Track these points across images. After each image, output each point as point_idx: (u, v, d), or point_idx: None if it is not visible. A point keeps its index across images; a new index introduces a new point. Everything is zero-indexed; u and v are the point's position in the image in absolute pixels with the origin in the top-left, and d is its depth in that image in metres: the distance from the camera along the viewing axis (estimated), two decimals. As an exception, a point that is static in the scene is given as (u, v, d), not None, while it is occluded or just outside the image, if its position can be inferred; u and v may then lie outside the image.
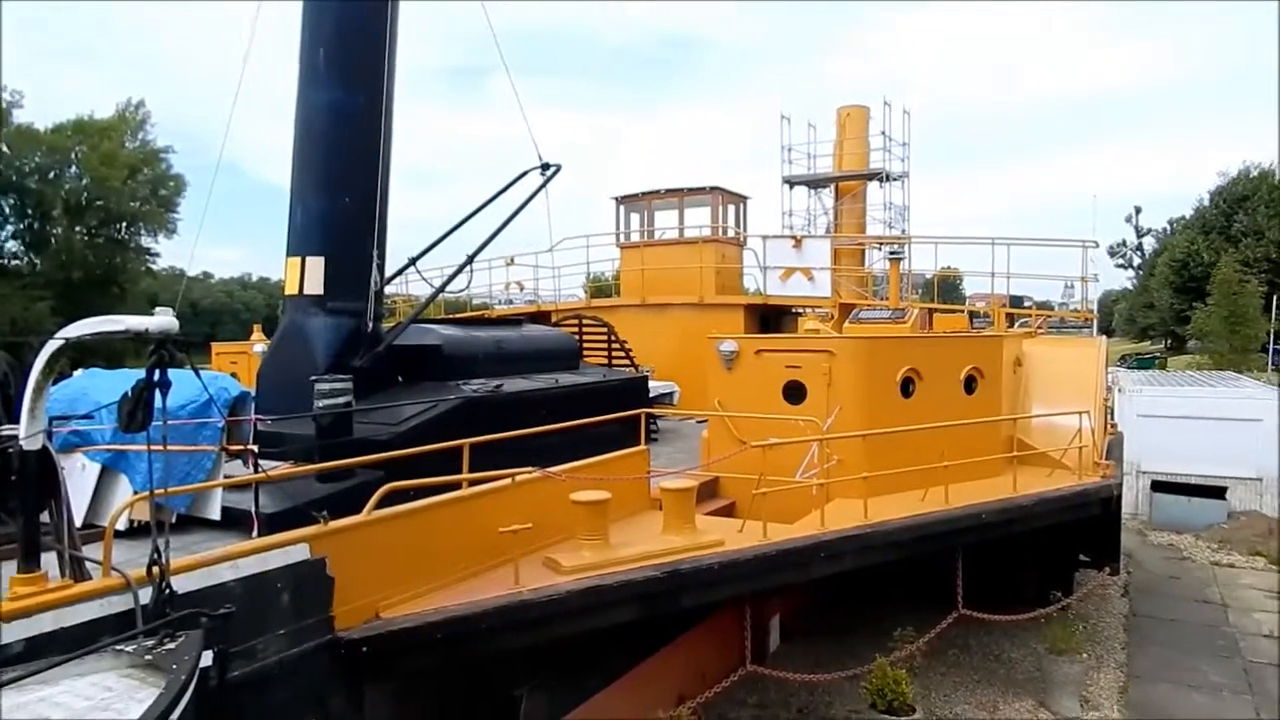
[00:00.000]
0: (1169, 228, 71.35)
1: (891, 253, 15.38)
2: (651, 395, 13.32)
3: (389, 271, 10.05)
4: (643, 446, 8.44)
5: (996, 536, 8.75)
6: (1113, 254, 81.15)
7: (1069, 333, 18.56)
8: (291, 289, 9.11)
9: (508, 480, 6.29)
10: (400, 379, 9.53)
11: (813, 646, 10.29)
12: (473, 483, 6.19)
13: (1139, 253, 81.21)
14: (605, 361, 14.75)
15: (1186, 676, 9.93)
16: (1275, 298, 36.98)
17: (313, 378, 7.32)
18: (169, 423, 3.85)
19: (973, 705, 9.12)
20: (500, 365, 10.12)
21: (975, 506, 8.43)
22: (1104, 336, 15.37)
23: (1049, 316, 16.73)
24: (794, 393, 9.42)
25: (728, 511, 9.07)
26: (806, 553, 7.15)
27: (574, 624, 5.93)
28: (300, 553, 4.89)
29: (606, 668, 7.27)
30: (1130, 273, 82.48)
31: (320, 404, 7.14)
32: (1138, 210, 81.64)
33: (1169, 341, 58.45)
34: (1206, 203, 52.57)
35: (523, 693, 6.23)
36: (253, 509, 6.28)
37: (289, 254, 9.23)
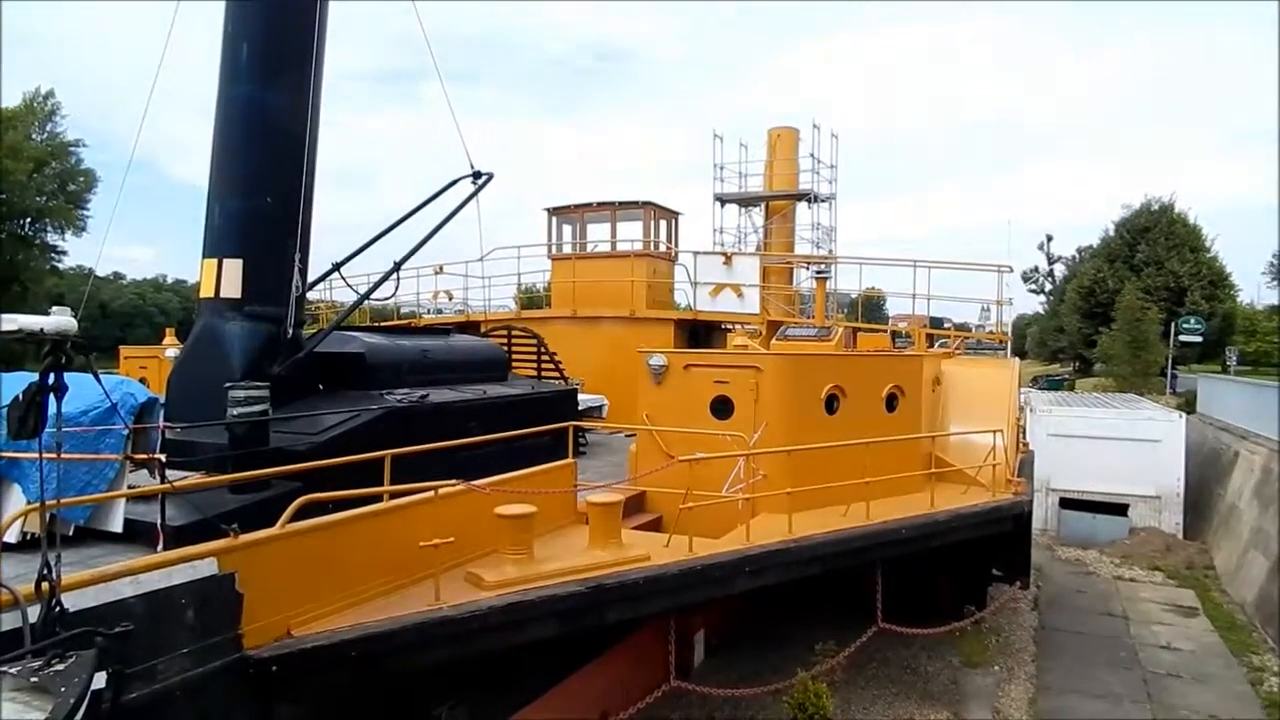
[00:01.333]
0: (1077, 256, 74.80)
1: (818, 272, 15.71)
2: (580, 408, 13.25)
3: (312, 276, 9.76)
4: (570, 460, 8.36)
5: (914, 551, 8.95)
6: (1026, 279, 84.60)
7: (985, 353, 19.22)
8: (207, 292, 8.75)
9: (429, 493, 6.14)
10: (321, 388, 9.23)
11: (737, 661, 10.35)
12: (394, 495, 6.03)
13: (1050, 279, 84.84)
14: (534, 373, 14.62)
15: (1092, 687, 10.33)
16: (1173, 325, 39.05)
17: (227, 384, 7.03)
18: (66, 429, 3.62)
19: (890, 717, 9.29)
20: (426, 375, 9.91)
21: (895, 522, 8.61)
22: (1017, 358, 15.97)
23: (967, 337, 17.29)
24: (721, 408, 9.48)
25: (655, 526, 9.05)
26: (731, 567, 7.17)
27: (496, 640, 5.82)
28: (207, 567, 4.66)
29: (529, 685, 7.15)
30: (1042, 298, 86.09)
31: (235, 412, 6.84)
32: (1049, 238, 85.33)
33: (1077, 364, 61.09)
34: (1112, 233, 55.23)
35: (442, 711, 6.08)
36: (158, 521, 5.96)
37: (205, 255, 8.87)
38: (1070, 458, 19.27)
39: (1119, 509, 19.12)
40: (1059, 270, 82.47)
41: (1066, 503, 19.54)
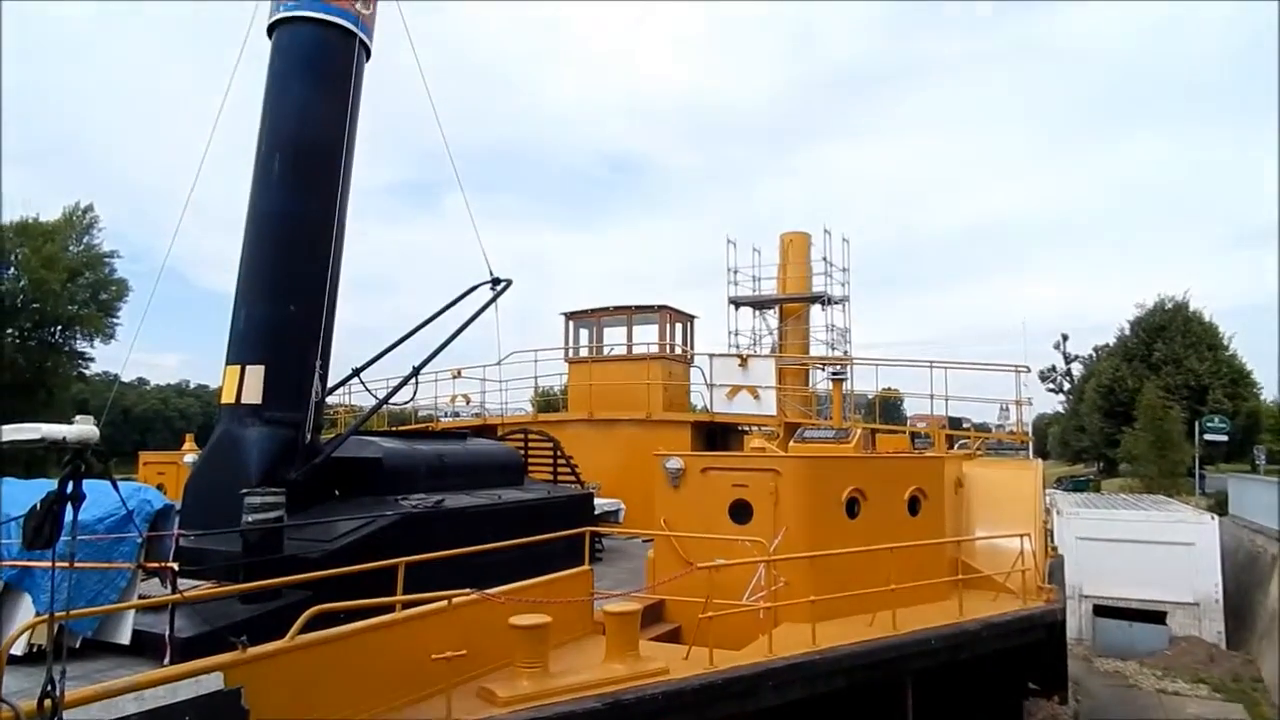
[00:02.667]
0: (1094, 355, 74.66)
1: (834, 373, 15.73)
2: (597, 512, 13.09)
3: (331, 381, 9.88)
4: (586, 567, 8.20)
5: (946, 662, 8.59)
6: (1044, 379, 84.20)
7: (1006, 454, 18.94)
8: (229, 397, 8.85)
9: (443, 602, 6.00)
10: (337, 493, 9.20)
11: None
12: (407, 605, 5.91)
13: (1068, 378, 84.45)
14: (550, 477, 14.52)
15: (1140, 812, 9.69)
16: (1196, 423, 38.50)
17: (243, 490, 7.01)
18: (81, 538, 3.60)
19: (927, 846, 8.70)
20: (442, 480, 9.87)
21: (924, 632, 8.30)
22: (1040, 459, 15.72)
23: (987, 438, 17.09)
24: (740, 512, 9.31)
25: (674, 636, 8.77)
26: (754, 681, 6.90)
27: (509, 761, 5.55)
28: (214, 682, 4.53)
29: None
30: (1061, 397, 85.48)
31: (250, 518, 6.81)
32: (1065, 337, 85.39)
33: (1101, 464, 60.05)
34: (1128, 331, 55.25)
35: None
36: (167, 633, 5.85)
37: (229, 361, 9.02)
38: (1102, 562, 18.70)
39: (1156, 617, 18.39)
40: (1076, 369, 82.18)
41: (1101, 610, 18.84)
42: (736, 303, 23.19)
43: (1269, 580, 17.90)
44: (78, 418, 3.57)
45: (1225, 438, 39.26)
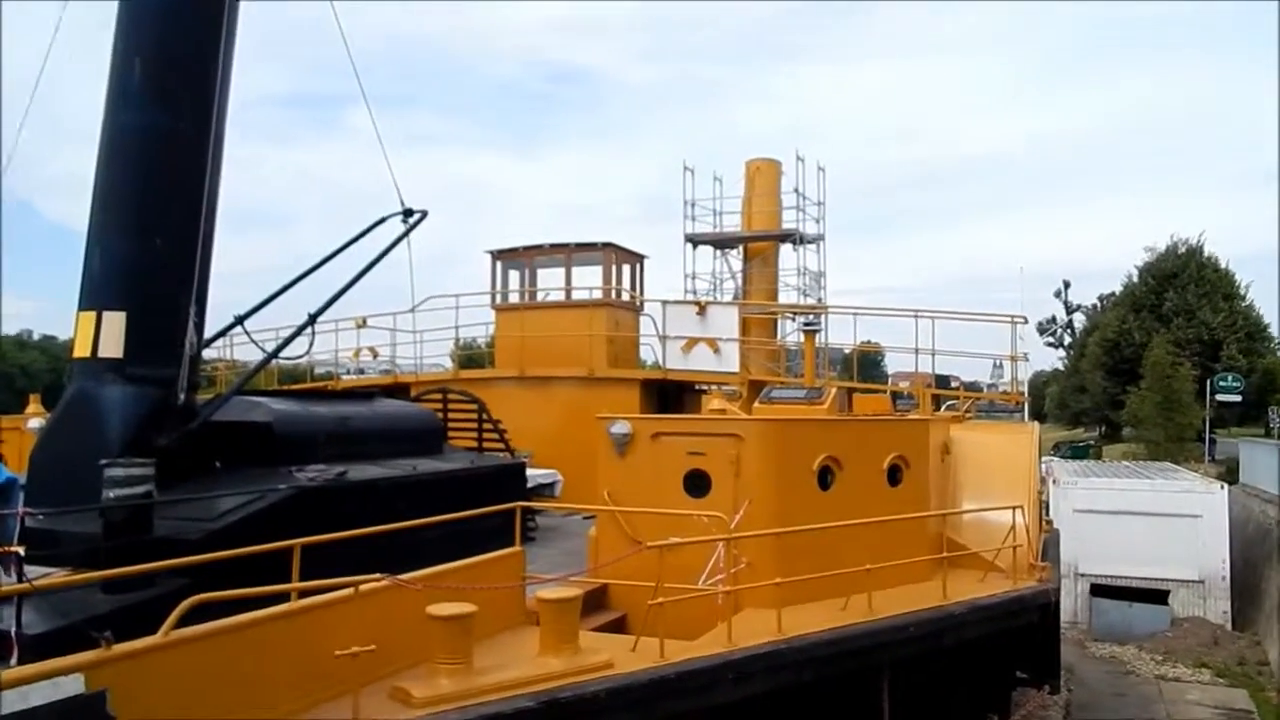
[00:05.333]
0: (1099, 304, 76.90)
1: (807, 324, 15.87)
2: (529, 485, 13.12)
3: (209, 331, 9.66)
4: (517, 547, 8.24)
5: (926, 651, 8.88)
6: (1042, 331, 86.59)
7: (999, 417, 19.49)
8: (82, 350, 8.58)
9: (349, 590, 5.98)
10: (218, 464, 9.07)
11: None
12: (305, 593, 5.87)
13: (1069, 330, 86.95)
14: (475, 445, 14.49)
15: (1135, 811, 10.25)
16: (1208, 382, 40.03)
17: (103, 461, 6.86)
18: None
19: None
20: (345, 448, 9.78)
21: (902, 617, 8.56)
22: (1036, 422, 16.20)
23: (978, 399, 17.55)
24: (697, 484, 9.42)
25: (619, 626, 8.90)
26: (711, 674, 7.04)
27: (427, 770, 5.61)
28: (73, 685, 4.47)
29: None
30: (1060, 352, 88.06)
31: (112, 494, 6.69)
32: (1066, 285, 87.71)
33: (1103, 428, 62.26)
34: (1136, 279, 56.93)
35: None
36: (12, 628, 5.73)
37: (82, 307, 8.72)
38: (1100, 537, 19.48)
39: (1158, 596, 19.28)
40: (1078, 321, 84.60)
41: (1098, 589, 19.68)
42: (694, 241, 23.18)
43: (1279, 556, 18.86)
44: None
45: (1239, 398, 40.90)
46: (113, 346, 8.47)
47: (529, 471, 13.29)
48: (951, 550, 10.15)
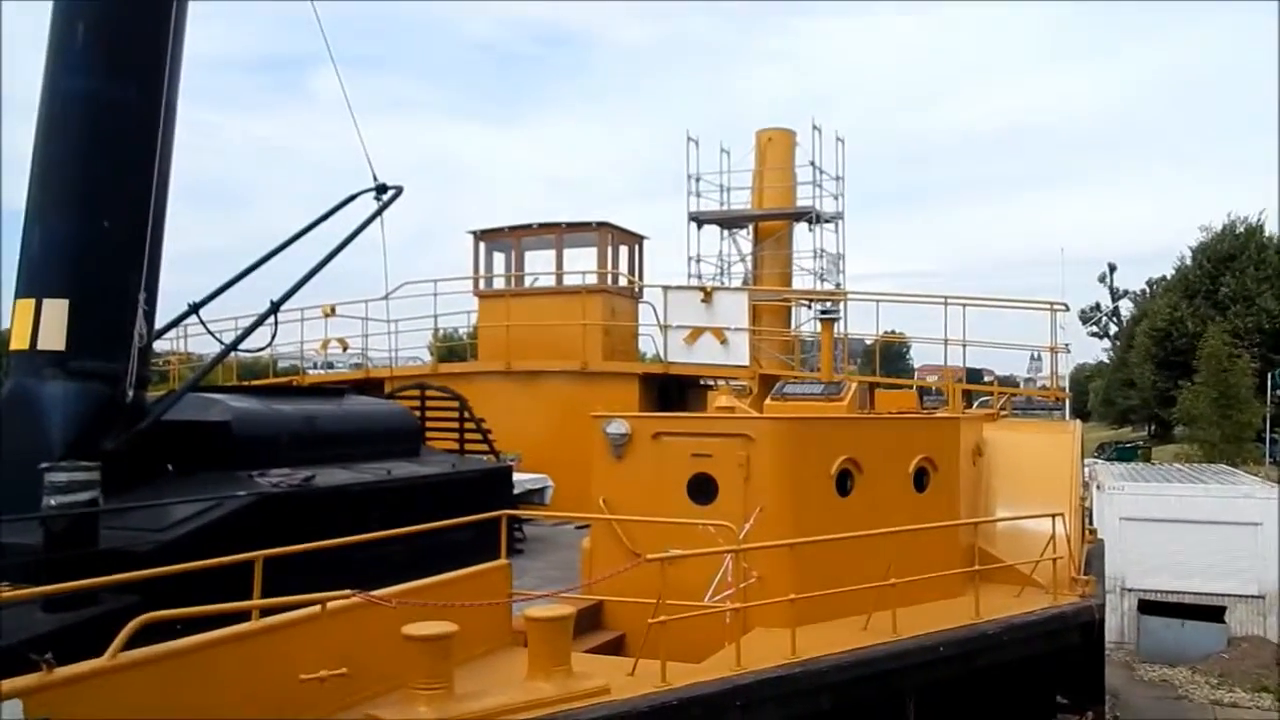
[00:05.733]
0: (1148, 290, 76.96)
1: (824, 311, 15.87)
2: (516, 491, 13.14)
3: (161, 321, 9.66)
4: (503, 560, 8.26)
5: (957, 674, 8.89)
6: (1085, 319, 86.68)
7: (1038, 415, 19.50)
8: (20, 343, 8.59)
9: (316, 608, 6.00)
10: (170, 468, 9.09)
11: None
12: (267, 611, 5.88)
13: (1115, 319, 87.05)
14: (456, 447, 14.50)
15: None
16: (1270, 376, 40.06)
17: (43, 465, 6.87)
18: None
19: None
20: (312, 450, 9.80)
21: (930, 637, 8.56)
22: (1079, 420, 16.21)
23: (1014, 394, 17.56)
24: (702, 489, 9.43)
25: (616, 647, 8.92)
26: (718, 701, 7.05)
27: (403, 807, 5.63)
28: (11, 711, 4.48)
29: None
30: (1105, 343, 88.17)
31: (53, 501, 6.70)
32: (1112, 268, 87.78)
33: (1153, 427, 62.37)
34: (1189, 261, 56.96)
35: None
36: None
37: (19, 295, 8.73)
38: (1149, 548, 19.49)
39: (1213, 613, 19.30)
40: (1125, 308, 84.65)
41: (1147, 606, 19.70)
42: (699, 220, 23.19)
43: (1349, 567, 18.89)
44: None
45: (1303, 392, 40.95)
46: (54, 338, 8.47)
47: (516, 476, 13.33)
48: (985, 562, 10.15)
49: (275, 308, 9.79)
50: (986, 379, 21.07)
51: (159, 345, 9.61)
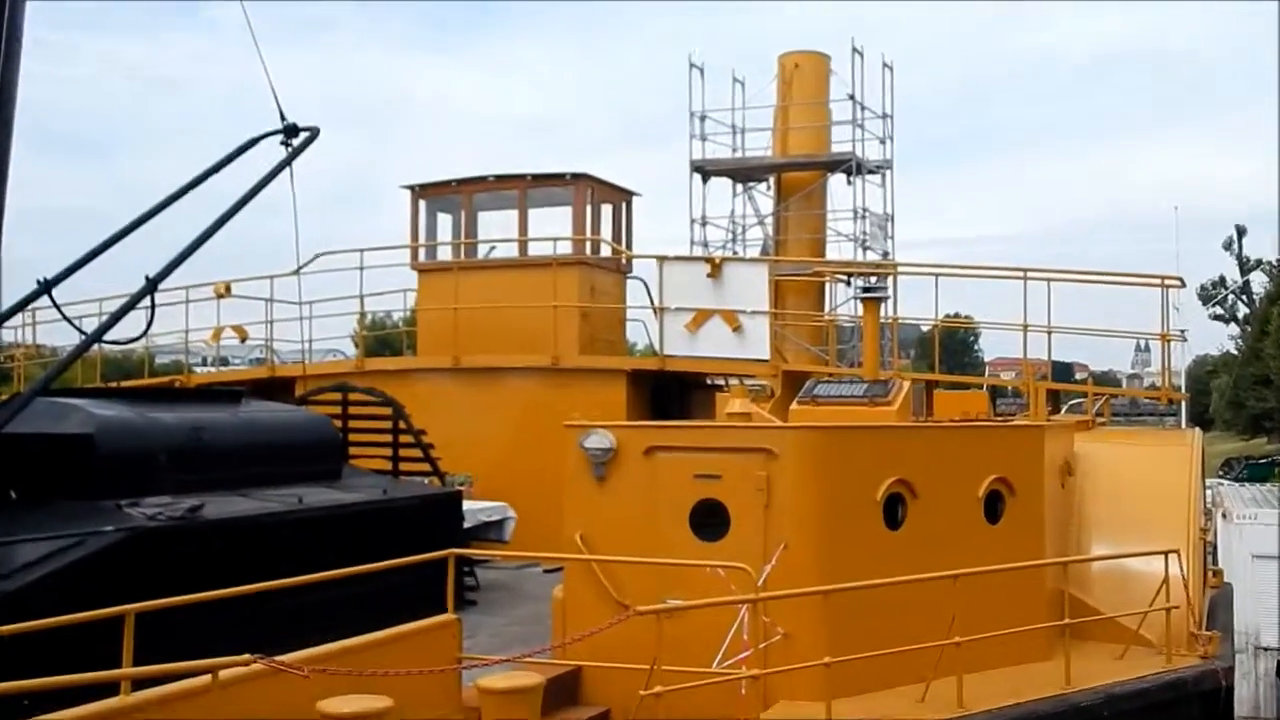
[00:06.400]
0: (1287, 261, 77.09)
1: (866, 289, 15.85)
2: (467, 525, 13.12)
3: (3, 303, 9.63)
4: (450, 615, 8.29)
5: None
6: (1206, 298, 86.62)
7: (1145, 422, 19.54)
8: None
9: (205, 678, 5.99)
10: (13, 495, 9.07)
11: None
12: (142, 682, 5.87)
13: (1245, 297, 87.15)
14: (388, 467, 14.50)
15: None
16: None
17: None
18: None
19: None
20: (200, 472, 9.83)
21: (1008, 710, 8.58)
22: (1198, 429, 16.24)
23: (1114, 395, 17.59)
24: (710, 520, 9.43)
25: (598, 726, 8.92)
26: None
27: None
28: None
29: None
30: (1232, 328, 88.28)
31: None
32: (1240, 232, 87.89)
33: (1294, 438, 62.53)
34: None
35: None
36: None
37: None
38: (1290, 594, 19.54)
39: (1372, 679, 19.39)
40: (1257, 283, 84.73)
41: (1286, 670, 19.78)
42: (704, 170, 23.15)
43: None
44: None
45: None
46: None
47: (466, 505, 13.31)
48: (1077, 614, 10.18)
49: (152, 286, 9.75)
50: (1078, 376, 21.15)
51: (3, 333, 9.58)
